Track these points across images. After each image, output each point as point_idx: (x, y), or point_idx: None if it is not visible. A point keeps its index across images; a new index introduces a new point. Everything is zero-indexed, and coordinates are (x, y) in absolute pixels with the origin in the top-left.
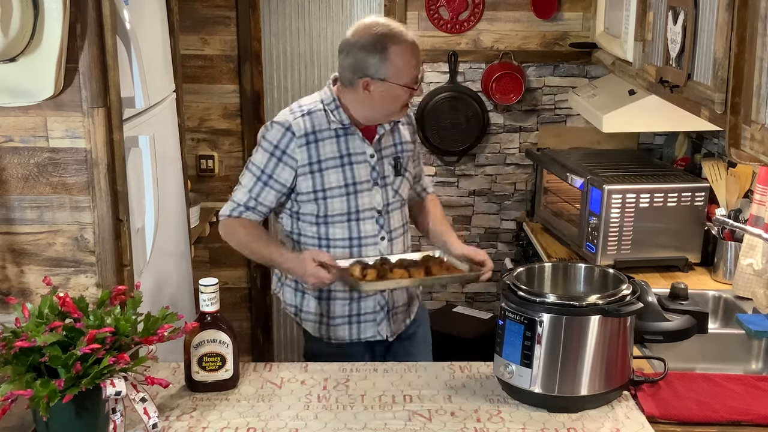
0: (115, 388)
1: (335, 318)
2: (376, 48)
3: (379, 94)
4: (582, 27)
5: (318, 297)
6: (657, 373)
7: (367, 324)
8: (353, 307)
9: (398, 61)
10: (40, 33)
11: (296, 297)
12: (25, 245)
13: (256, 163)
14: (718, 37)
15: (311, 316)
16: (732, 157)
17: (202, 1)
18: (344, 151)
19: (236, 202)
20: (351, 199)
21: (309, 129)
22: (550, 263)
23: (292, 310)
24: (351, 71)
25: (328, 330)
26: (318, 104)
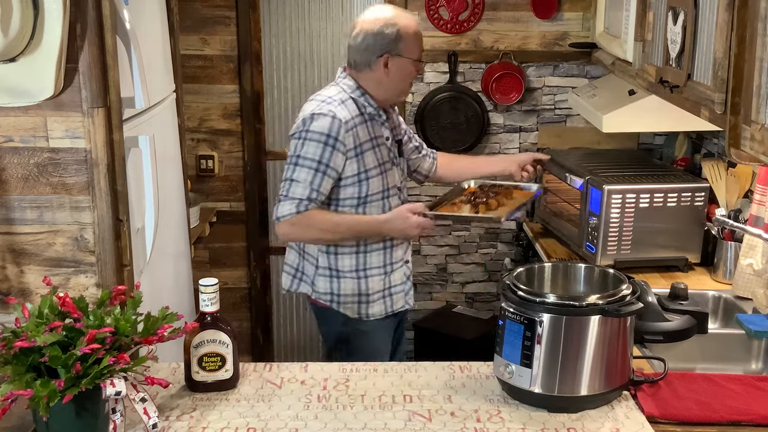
0: (115, 388)
1: (372, 295)
2: (391, 26)
3: (395, 71)
4: (582, 27)
5: (356, 277)
6: (657, 373)
7: (397, 296)
8: (386, 282)
9: (409, 37)
10: (40, 33)
11: (332, 283)
12: (25, 245)
13: (309, 156)
14: (718, 37)
15: (349, 298)
16: (732, 157)
17: (202, 1)
18: (372, 134)
19: (298, 198)
20: (383, 178)
21: (348, 116)
22: (550, 263)
23: (327, 298)
24: (370, 52)
25: (367, 308)
26: (343, 94)
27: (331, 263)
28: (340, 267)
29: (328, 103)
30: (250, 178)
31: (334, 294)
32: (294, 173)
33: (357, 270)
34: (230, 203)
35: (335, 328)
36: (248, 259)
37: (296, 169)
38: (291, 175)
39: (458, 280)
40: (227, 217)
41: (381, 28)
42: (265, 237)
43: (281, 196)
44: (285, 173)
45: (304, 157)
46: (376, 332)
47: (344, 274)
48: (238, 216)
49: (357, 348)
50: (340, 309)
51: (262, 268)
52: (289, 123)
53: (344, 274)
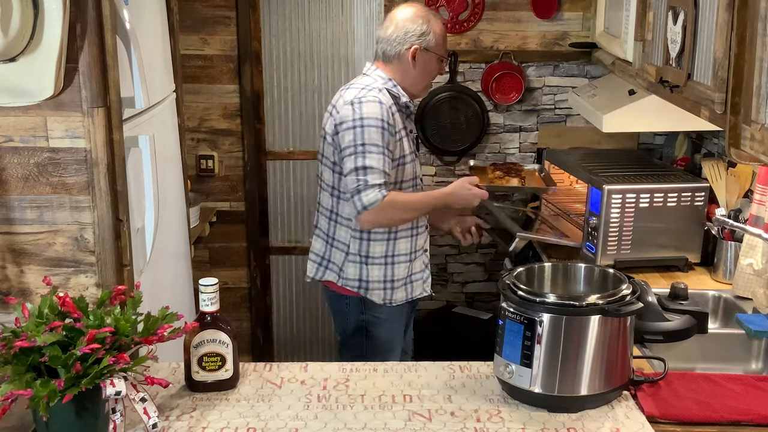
0: (115, 388)
1: (397, 281)
2: (422, 20)
3: (421, 64)
4: (582, 27)
5: (384, 263)
6: (657, 373)
7: (416, 283)
8: (409, 269)
9: (437, 33)
10: (40, 33)
11: (361, 270)
12: (25, 245)
13: (374, 141)
14: (718, 37)
15: (377, 284)
16: (732, 157)
17: (202, 1)
18: (402, 124)
19: (377, 184)
20: (413, 166)
21: (389, 102)
22: (550, 263)
23: (356, 284)
24: (399, 43)
25: (392, 294)
26: (379, 83)
27: (362, 249)
28: (371, 253)
29: (369, 89)
30: (250, 178)
31: (363, 280)
32: (366, 160)
33: (386, 256)
34: (230, 203)
35: (354, 316)
36: (248, 259)
37: (366, 157)
38: (363, 163)
39: (458, 280)
40: (227, 217)
41: (412, 20)
42: (265, 237)
43: (360, 185)
44: (353, 162)
45: (369, 144)
46: (393, 320)
47: (373, 261)
48: (238, 216)
49: (375, 335)
50: (368, 295)
51: (262, 268)
52: (289, 123)
53: (373, 261)
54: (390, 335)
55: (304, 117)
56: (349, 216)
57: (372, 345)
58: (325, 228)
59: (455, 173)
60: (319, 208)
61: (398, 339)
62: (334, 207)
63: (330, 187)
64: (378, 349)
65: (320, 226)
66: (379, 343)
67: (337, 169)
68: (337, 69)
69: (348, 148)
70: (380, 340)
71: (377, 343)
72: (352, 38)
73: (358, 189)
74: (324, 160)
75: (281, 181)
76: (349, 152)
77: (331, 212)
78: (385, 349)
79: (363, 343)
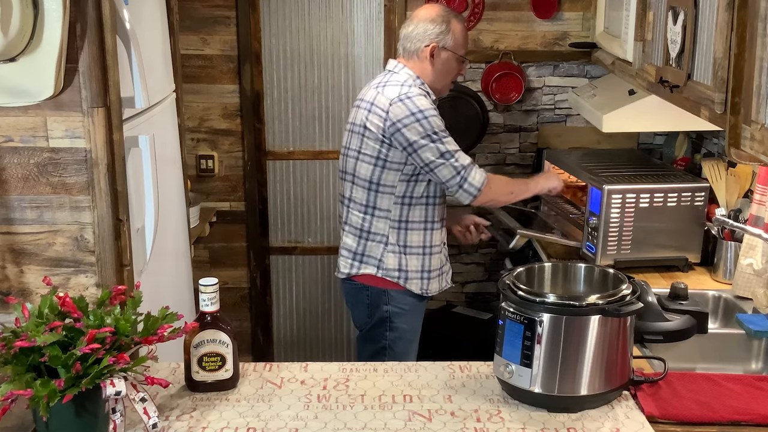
0: (115, 388)
1: (432, 271)
2: (442, 19)
3: (440, 63)
4: (582, 27)
5: (422, 254)
6: (657, 373)
7: (444, 275)
8: (441, 260)
9: (458, 33)
10: (40, 33)
11: (401, 260)
12: (25, 245)
13: (440, 129)
14: (718, 37)
15: (415, 274)
16: (732, 157)
17: (202, 1)
18: None
19: (471, 164)
20: None
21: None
22: (550, 263)
23: (396, 275)
24: (419, 40)
25: (428, 284)
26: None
27: (400, 240)
28: (409, 243)
29: (408, 85)
30: (250, 178)
31: (403, 270)
32: (447, 146)
33: (423, 246)
34: (230, 203)
35: (378, 308)
36: (248, 259)
37: (444, 143)
38: (447, 148)
39: (458, 280)
40: (227, 217)
41: (433, 19)
42: (265, 237)
43: (460, 170)
44: (435, 151)
45: (440, 131)
46: (416, 311)
47: (411, 250)
48: (238, 216)
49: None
50: (407, 285)
51: (262, 268)
52: (289, 123)
53: (411, 250)
54: (412, 326)
55: (304, 117)
56: (387, 207)
57: (395, 336)
58: (358, 223)
59: None
60: (349, 204)
61: (418, 330)
62: (370, 201)
63: (366, 181)
64: (400, 340)
65: (351, 222)
66: (402, 334)
67: (380, 164)
68: (337, 69)
69: (420, 140)
70: (403, 331)
71: (400, 333)
72: (352, 38)
73: (460, 175)
74: (360, 156)
75: (281, 181)
76: (424, 143)
77: (366, 206)
78: (408, 339)
79: (386, 335)
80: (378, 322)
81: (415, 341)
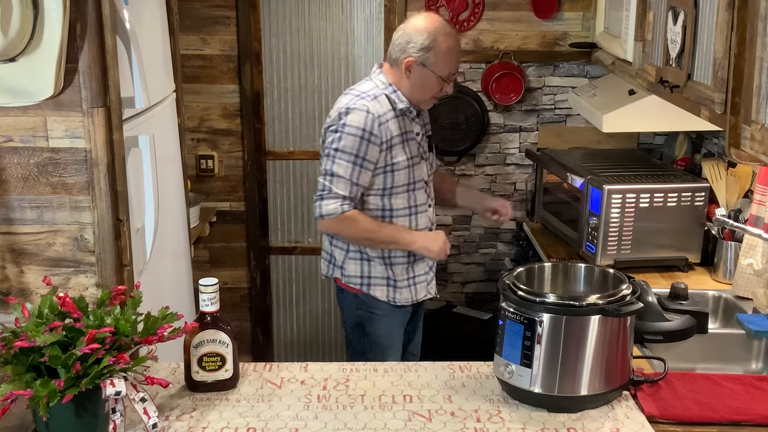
0: (115, 388)
1: (399, 281)
2: (429, 35)
3: (416, 78)
4: (582, 27)
5: (383, 263)
6: (657, 373)
7: (421, 285)
8: (410, 270)
9: (441, 53)
10: (40, 33)
11: (362, 266)
12: (25, 245)
13: (348, 149)
14: (718, 37)
15: (380, 281)
16: (732, 157)
17: (202, 1)
18: (403, 129)
19: (340, 196)
20: (410, 172)
21: (381, 111)
22: (550, 263)
23: (358, 281)
24: (400, 50)
25: (395, 292)
26: (377, 90)
27: (361, 246)
28: (369, 251)
29: (362, 98)
30: (250, 178)
31: (365, 276)
32: (334, 166)
33: (383, 257)
34: (230, 203)
35: (353, 313)
36: (248, 259)
37: (336, 162)
38: (332, 168)
39: (458, 280)
40: (227, 217)
41: (417, 32)
42: (265, 237)
43: (324, 191)
44: (324, 165)
45: (343, 151)
46: (391, 318)
47: (373, 257)
48: (238, 216)
49: (371, 332)
50: (370, 291)
51: (262, 268)
52: (289, 123)
53: (373, 257)
54: (387, 333)
55: (304, 117)
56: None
57: (369, 342)
58: None
59: (455, 173)
60: None
61: (396, 338)
62: None
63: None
64: (374, 346)
65: None
66: (376, 339)
67: None
68: (337, 69)
69: (325, 148)
70: (376, 337)
71: (373, 339)
72: (352, 38)
73: (321, 195)
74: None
75: (281, 181)
76: (324, 154)
77: None
78: (383, 346)
79: (360, 340)
80: (353, 327)
81: (394, 348)
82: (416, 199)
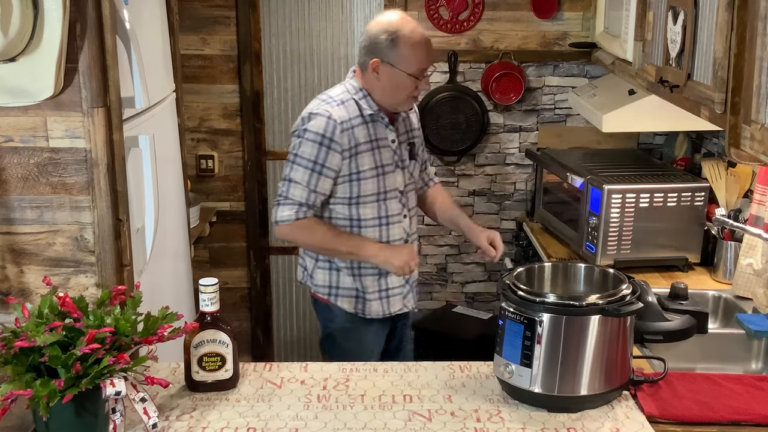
0: (115, 388)
1: (369, 293)
2: (389, 33)
3: (385, 79)
4: (582, 27)
5: (351, 274)
6: (657, 373)
7: (395, 298)
8: (382, 283)
9: (406, 49)
10: (40, 33)
11: (330, 276)
12: (25, 245)
13: (306, 155)
14: (718, 37)
15: (347, 292)
16: (732, 156)
17: (202, 1)
18: (373, 136)
19: (296, 202)
20: (380, 181)
21: (346, 117)
22: (550, 263)
23: (326, 291)
24: (365, 53)
25: (364, 305)
26: (346, 94)
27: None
28: (338, 261)
29: (327, 102)
30: (250, 178)
31: (333, 287)
32: (292, 172)
33: (352, 267)
34: (230, 203)
35: (327, 323)
36: (248, 259)
37: (294, 168)
38: (289, 174)
39: (458, 280)
40: (227, 217)
41: (379, 31)
42: (265, 237)
43: (281, 197)
44: (284, 170)
45: (302, 157)
46: (364, 331)
47: (341, 267)
48: (238, 216)
49: (341, 344)
50: (337, 302)
51: (262, 268)
52: (289, 123)
53: (341, 267)
54: (358, 348)
55: None
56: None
57: (342, 354)
58: None
59: (455, 173)
60: None
61: (370, 352)
62: None
63: None
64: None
65: None
66: (345, 354)
67: None
68: (337, 69)
69: (289, 154)
70: (345, 351)
71: (343, 352)
72: (352, 38)
73: (278, 201)
74: None
75: None
76: (288, 158)
77: None
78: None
79: (334, 352)
80: (325, 337)
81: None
82: (387, 210)
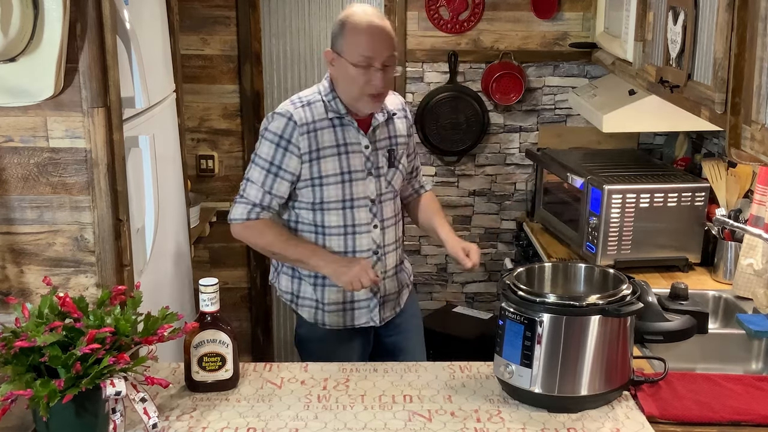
0: (115, 388)
1: (330, 305)
2: (340, 20)
3: (337, 72)
4: (582, 27)
5: (313, 284)
6: (657, 373)
7: (361, 311)
8: (347, 295)
9: (350, 35)
10: (40, 33)
11: (293, 283)
12: (25, 245)
13: (263, 155)
14: (718, 37)
15: (307, 301)
16: (732, 157)
17: (202, 1)
18: (341, 140)
19: (250, 202)
20: (346, 187)
21: (309, 119)
22: (550, 263)
23: (288, 297)
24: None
25: (323, 316)
26: (316, 95)
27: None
28: (301, 270)
29: (293, 103)
30: None
31: (294, 294)
32: (250, 171)
33: (314, 277)
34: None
35: (297, 327)
36: (248, 259)
37: (252, 168)
38: (248, 173)
39: (458, 280)
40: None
41: (337, 22)
42: None
43: (238, 196)
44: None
45: (259, 156)
46: (328, 342)
47: (303, 275)
48: None
49: (306, 353)
50: (298, 310)
51: (262, 268)
52: None
53: (303, 275)
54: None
55: None
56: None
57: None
58: None
59: (455, 173)
60: None
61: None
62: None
63: None
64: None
65: None
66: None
67: None
68: None
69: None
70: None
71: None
72: None
73: (235, 199)
74: None
75: None
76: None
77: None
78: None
79: (303, 355)
80: (296, 343)
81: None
82: (354, 218)
